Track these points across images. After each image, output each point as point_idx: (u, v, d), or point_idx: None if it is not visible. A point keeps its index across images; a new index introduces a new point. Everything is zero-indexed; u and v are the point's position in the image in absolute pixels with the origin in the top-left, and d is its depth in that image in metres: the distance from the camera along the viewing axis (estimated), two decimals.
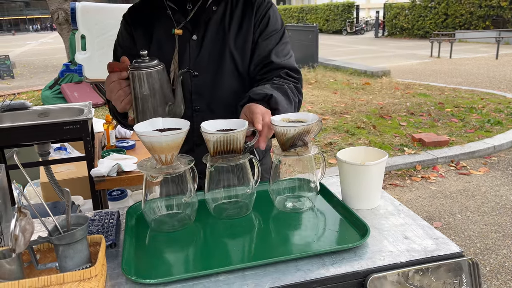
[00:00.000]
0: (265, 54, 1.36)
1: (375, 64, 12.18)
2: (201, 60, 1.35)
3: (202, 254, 0.98)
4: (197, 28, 1.35)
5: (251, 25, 1.36)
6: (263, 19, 1.37)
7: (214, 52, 1.35)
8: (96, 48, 2.80)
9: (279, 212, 1.16)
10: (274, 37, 1.37)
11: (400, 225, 1.07)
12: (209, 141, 1.06)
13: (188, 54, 1.35)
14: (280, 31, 1.39)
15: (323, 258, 0.93)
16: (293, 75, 1.36)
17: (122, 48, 1.44)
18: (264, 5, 1.39)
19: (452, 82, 9.50)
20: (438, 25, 21.67)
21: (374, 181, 1.15)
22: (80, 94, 7.26)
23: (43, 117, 2.56)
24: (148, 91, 1.12)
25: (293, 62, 1.39)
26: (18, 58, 18.86)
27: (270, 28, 1.37)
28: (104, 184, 2.22)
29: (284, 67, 1.35)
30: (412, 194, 4.09)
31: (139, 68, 1.12)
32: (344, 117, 6.51)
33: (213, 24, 1.35)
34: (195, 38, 1.35)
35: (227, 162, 1.07)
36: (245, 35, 1.36)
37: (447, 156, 4.86)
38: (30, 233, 0.83)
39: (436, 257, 0.93)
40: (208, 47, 1.35)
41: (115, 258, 0.98)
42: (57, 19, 8.64)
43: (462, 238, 3.28)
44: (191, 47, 1.35)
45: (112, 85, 1.17)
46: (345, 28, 28.48)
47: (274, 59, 1.34)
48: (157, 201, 1.11)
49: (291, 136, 1.06)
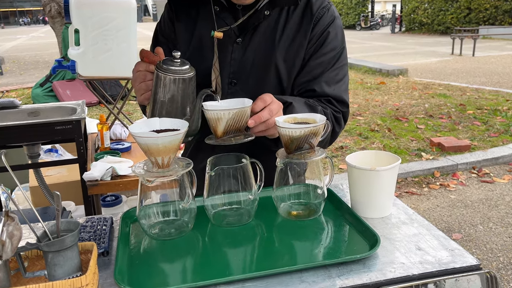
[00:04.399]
0: (312, 77, 1.28)
1: (391, 62, 12.15)
2: (242, 67, 1.29)
3: (201, 264, 0.99)
4: (244, 31, 1.28)
5: (305, 40, 1.27)
6: (321, 35, 1.28)
7: (258, 61, 1.28)
8: (90, 43, 2.82)
9: (283, 220, 1.16)
10: (329, 58, 1.29)
11: (413, 235, 1.07)
12: (220, 120, 1.08)
13: (230, 58, 1.29)
14: (337, 51, 1.30)
15: (329, 269, 0.94)
16: (336, 105, 1.30)
17: (163, 35, 1.39)
18: (326, 19, 1.28)
19: (475, 82, 9.45)
20: (460, 20, 21.59)
21: (386, 187, 1.15)
22: (73, 92, 7.32)
23: (33, 116, 2.58)
24: (167, 98, 1.09)
25: (341, 93, 1.31)
26: (7, 53, 19.03)
27: (325, 48, 1.28)
28: (98, 189, 2.24)
29: (328, 96, 1.29)
30: (429, 203, 4.07)
31: (166, 71, 1.08)
32: (357, 119, 6.50)
33: (262, 30, 1.28)
34: (240, 41, 1.28)
35: (236, 140, 1.10)
36: (297, 49, 1.28)
37: (469, 162, 4.83)
38: (18, 239, 0.84)
39: (451, 270, 0.93)
40: (253, 54, 1.28)
41: (107, 267, 0.99)
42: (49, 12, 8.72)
43: (483, 251, 3.26)
44: (234, 50, 1.29)
45: (137, 74, 1.17)
46: (358, 23, 28.45)
47: (319, 87, 1.27)
48: (153, 206, 1.12)
49: (297, 138, 1.07)
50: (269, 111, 1.11)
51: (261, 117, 1.09)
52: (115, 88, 7.48)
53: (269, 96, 1.13)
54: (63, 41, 7.40)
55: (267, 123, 1.11)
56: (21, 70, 13.66)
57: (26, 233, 1.14)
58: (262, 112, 1.10)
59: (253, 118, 1.09)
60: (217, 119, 1.09)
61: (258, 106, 1.11)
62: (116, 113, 3.13)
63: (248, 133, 1.13)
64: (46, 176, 2.86)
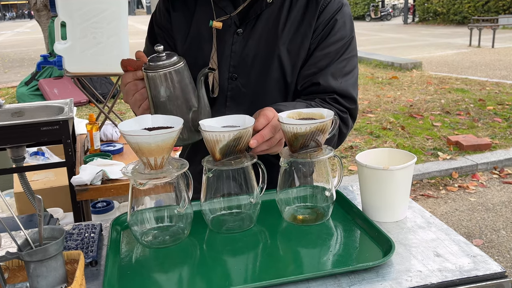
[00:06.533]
0: (318, 69, 1.27)
1: (404, 55, 12.16)
2: (244, 60, 1.28)
3: (198, 274, 0.98)
4: (245, 21, 1.27)
5: (310, 29, 1.27)
6: (328, 24, 1.27)
7: (261, 53, 1.28)
8: (78, 36, 2.82)
9: (288, 225, 1.15)
10: (336, 49, 1.28)
11: (431, 241, 1.06)
12: (219, 142, 1.04)
13: (230, 51, 1.28)
14: (346, 41, 1.30)
15: (339, 278, 0.93)
16: (343, 102, 1.28)
17: (158, 26, 1.38)
18: (333, 6, 1.28)
19: (495, 75, 9.44)
20: (478, 9, 21.58)
21: (400, 188, 1.14)
22: (60, 90, 7.34)
23: (17, 116, 2.59)
24: (166, 96, 1.08)
25: (348, 87, 1.30)
26: None
27: (333, 37, 1.27)
28: (87, 194, 2.24)
29: (334, 91, 1.27)
30: (447, 207, 4.06)
31: (155, 68, 1.07)
32: (368, 116, 6.50)
33: (264, 20, 1.27)
34: (240, 32, 1.28)
35: (237, 164, 1.06)
36: (302, 39, 1.27)
37: (489, 162, 4.82)
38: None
39: (473, 278, 0.92)
40: (255, 45, 1.28)
41: (95, 278, 0.98)
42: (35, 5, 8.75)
43: (507, 258, 3.25)
44: (235, 42, 1.28)
45: (127, 88, 1.14)
46: (368, 13, 28.51)
47: (325, 80, 1.26)
48: (145, 212, 1.11)
49: (302, 136, 1.06)
50: (272, 128, 1.09)
51: (264, 136, 1.08)
52: (106, 86, 7.51)
53: (271, 111, 1.11)
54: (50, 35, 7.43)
55: (270, 142, 1.10)
56: (5, 68, 13.73)
57: (8, 242, 1.13)
58: (264, 130, 1.08)
59: (255, 137, 1.07)
60: (216, 141, 1.04)
61: (261, 123, 1.08)
62: (106, 112, 3.13)
63: (250, 154, 1.11)
64: (31, 181, 2.86)
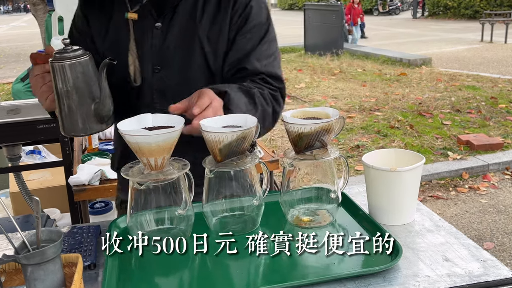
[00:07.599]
0: (242, 54, 1.32)
1: (412, 51, 12.12)
2: (165, 53, 1.32)
3: (200, 278, 0.99)
4: (162, 14, 1.32)
5: (226, 17, 1.33)
6: (244, 11, 1.33)
7: (181, 45, 1.33)
8: None
9: (292, 227, 1.16)
10: (256, 33, 1.34)
11: (440, 245, 1.06)
12: (222, 143, 1.04)
13: (150, 45, 1.33)
14: (264, 26, 1.36)
15: (344, 283, 0.93)
16: (272, 82, 1.33)
17: (78, 32, 1.43)
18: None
19: (508, 72, 9.41)
20: (490, 3, 21.47)
21: (408, 190, 1.14)
22: None
23: (13, 114, 2.59)
24: (69, 87, 1.13)
25: (274, 68, 1.36)
26: None
27: (251, 23, 1.33)
28: (85, 195, 2.24)
29: (261, 73, 1.32)
30: (457, 209, 4.05)
31: (60, 60, 1.12)
32: (375, 114, 6.48)
33: (182, 11, 1.32)
34: (159, 25, 1.32)
35: (239, 165, 1.07)
36: (219, 28, 1.33)
37: (501, 162, 4.81)
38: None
39: (483, 283, 0.92)
40: (175, 37, 1.32)
41: (94, 281, 0.99)
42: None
43: None
44: (154, 36, 1.32)
45: (34, 80, 1.19)
46: (376, 7, 28.39)
47: (251, 64, 1.31)
48: (145, 214, 1.12)
49: (307, 135, 1.06)
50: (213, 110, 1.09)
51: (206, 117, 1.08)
52: None
53: (212, 92, 1.13)
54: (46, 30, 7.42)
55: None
56: (0, 63, 13.76)
57: (4, 245, 1.14)
58: (206, 111, 1.08)
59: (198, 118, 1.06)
60: (218, 142, 1.04)
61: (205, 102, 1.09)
62: None
63: (252, 155, 1.12)
64: (28, 180, 2.87)
